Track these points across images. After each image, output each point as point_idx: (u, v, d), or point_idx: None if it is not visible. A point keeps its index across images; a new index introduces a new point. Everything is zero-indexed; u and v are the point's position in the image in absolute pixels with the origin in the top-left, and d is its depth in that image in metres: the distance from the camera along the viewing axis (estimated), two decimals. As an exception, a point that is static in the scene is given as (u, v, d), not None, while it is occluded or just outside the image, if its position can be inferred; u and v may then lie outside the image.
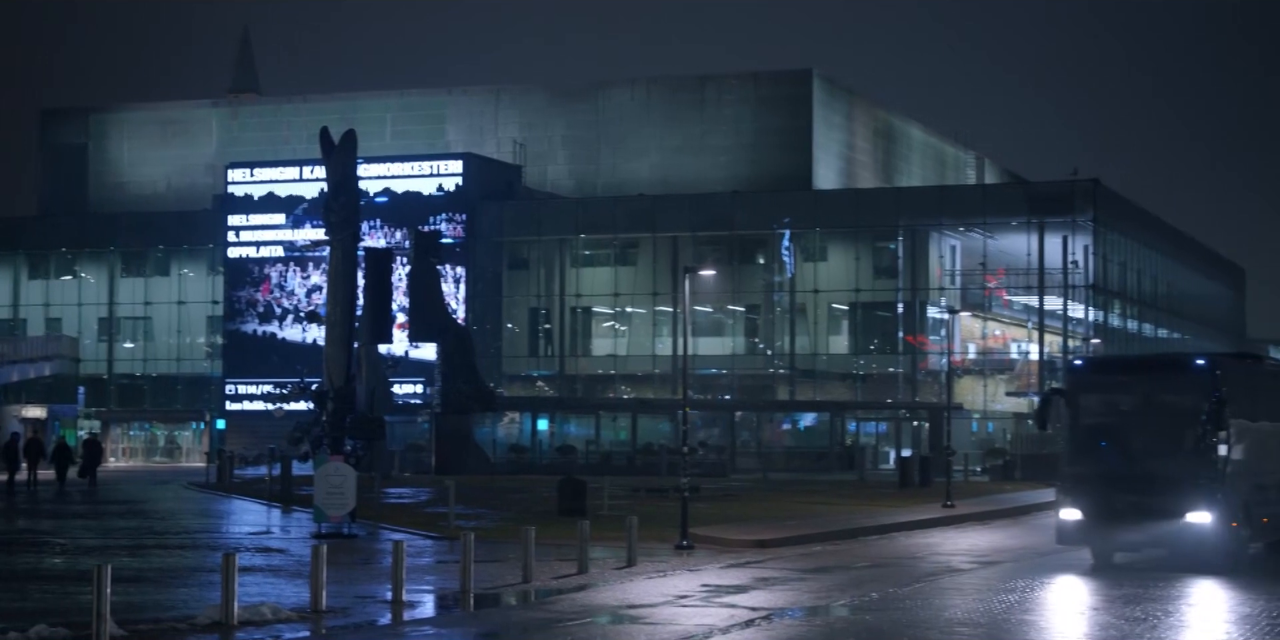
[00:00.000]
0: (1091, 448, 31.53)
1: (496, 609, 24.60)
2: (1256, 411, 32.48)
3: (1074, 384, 32.52)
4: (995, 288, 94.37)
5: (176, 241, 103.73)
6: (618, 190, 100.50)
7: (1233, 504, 30.22)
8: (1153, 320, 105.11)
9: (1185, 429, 30.60)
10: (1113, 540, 31.04)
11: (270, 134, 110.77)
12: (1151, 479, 30.33)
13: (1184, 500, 29.85)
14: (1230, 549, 30.19)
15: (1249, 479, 31.50)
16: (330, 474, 36.45)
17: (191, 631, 20.84)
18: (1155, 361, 39.52)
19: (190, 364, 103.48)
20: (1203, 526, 29.78)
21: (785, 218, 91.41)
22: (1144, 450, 30.92)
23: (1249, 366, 35.08)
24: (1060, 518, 31.24)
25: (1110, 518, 30.42)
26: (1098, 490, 30.72)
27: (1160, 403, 31.58)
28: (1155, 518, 29.99)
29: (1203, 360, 31.89)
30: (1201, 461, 29.99)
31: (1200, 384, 30.38)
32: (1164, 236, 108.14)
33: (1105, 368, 36.68)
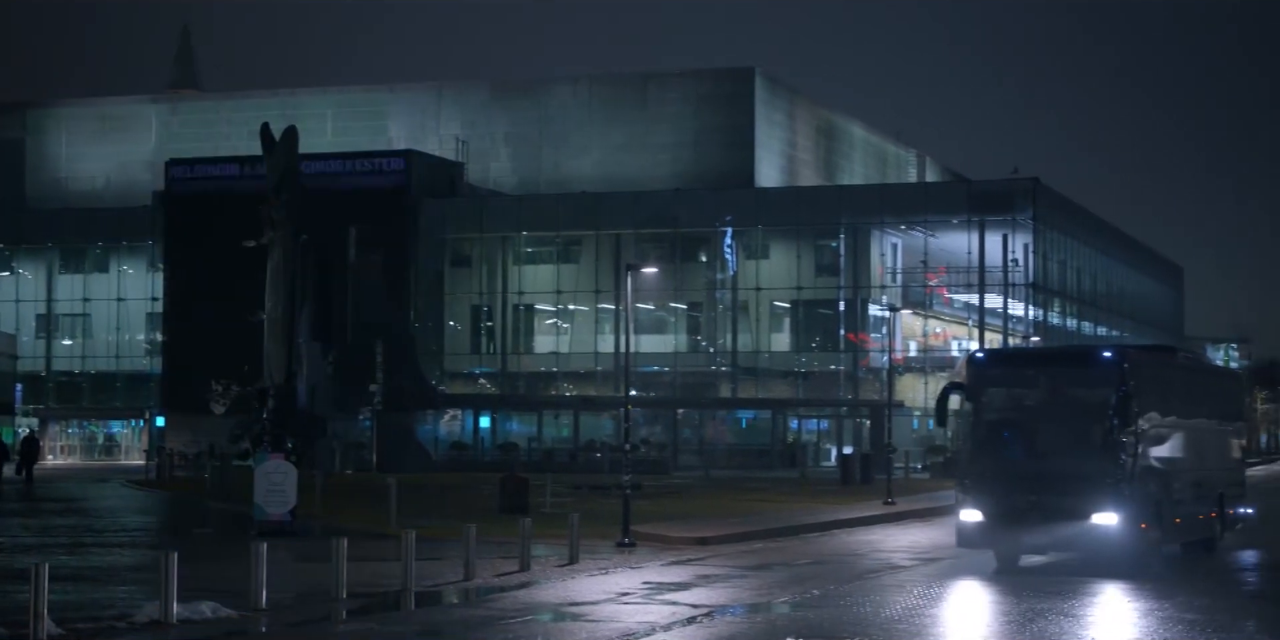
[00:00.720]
0: (992, 445, 29.89)
1: (438, 607, 24.53)
2: (1169, 406, 31.17)
3: (974, 378, 30.58)
4: (936, 286, 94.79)
5: (116, 238, 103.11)
6: (560, 187, 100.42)
7: (1142, 504, 28.83)
8: (1092, 318, 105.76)
9: (1091, 425, 29.10)
10: (1015, 543, 29.49)
11: (210, 130, 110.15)
12: (1055, 478, 28.72)
13: (1089, 500, 28.31)
14: (1138, 551, 28.89)
15: (1160, 478, 30.15)
16: (270, 471, 36.30)
17: (130, 630, 20.70)
18: (1060, 354, 39.35)
19: (130, 361, 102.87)
20: (1109, 528, 28.25)
21: (727, 215, 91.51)
22: (1048, 448, 29.39)
23: (1160, 359, 33.41)
24: (960, 519, 29.70)
25: (1012, 519, 28.81)
26: (999, 490, 29.12)
27: (1065, 397, 30.11)
28: (1059, 519, 28.43)
29: (1109, 353, 30.55)
30: (1108, 459, 28.42)
31: (1107, 378, 28.95)
32: (1103, 235, 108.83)
33: (1007, 360, 34.94)
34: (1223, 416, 35.83)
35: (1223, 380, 38.98)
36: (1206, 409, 34.16)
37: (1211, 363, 58.26)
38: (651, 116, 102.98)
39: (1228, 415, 36.52)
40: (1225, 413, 36.22)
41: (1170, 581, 27.67)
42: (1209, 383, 36.28)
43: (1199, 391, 34.18)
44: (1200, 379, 35.55)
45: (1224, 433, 35.83)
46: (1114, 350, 31.05)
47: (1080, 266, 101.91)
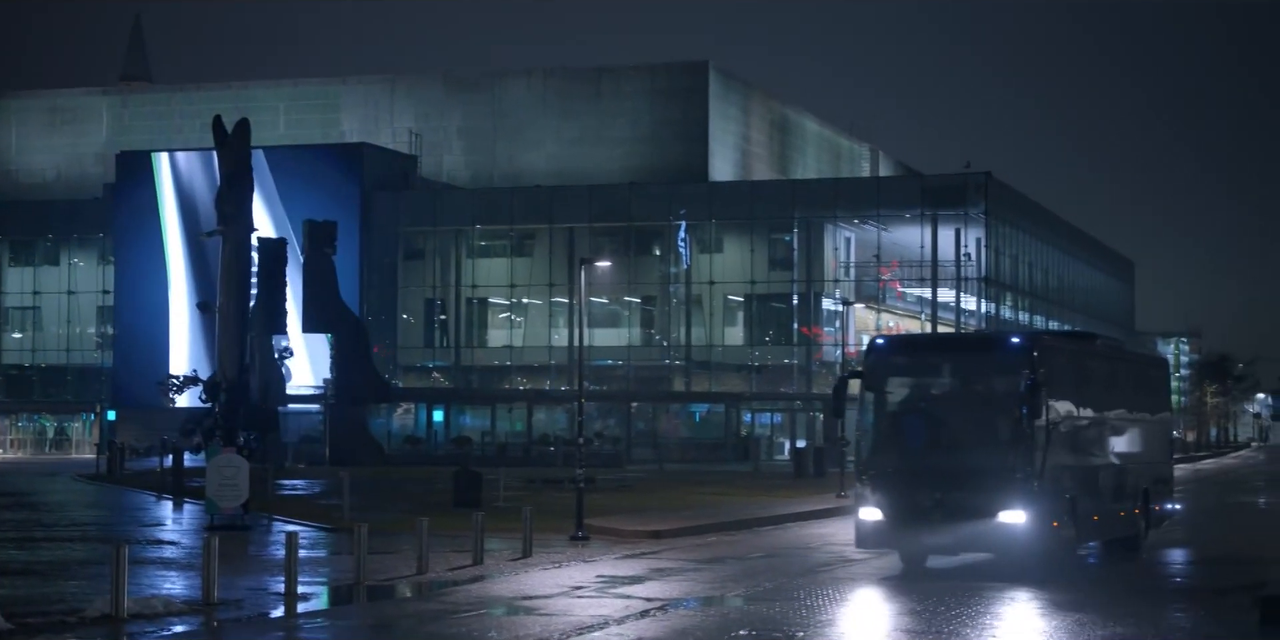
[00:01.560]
0: (893, 439, 27.98)
1: (390, 601, 24.48)
2: (1085, 396, 29.60)
3: (874, 366, 28.32)
4: (889, 279, 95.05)
5: (66, 231, 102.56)
6: (514, 181, 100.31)
7: (1053, 501, 27.16)
8: (1044, 312, 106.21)
9: (999, 417, 27.22)
10: (917, 544, 27.65)
11: (162, 123, 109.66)
12: (960, 474, 26.89)
13: (996, 497, 26.48)
14: (1048, 552, 27.26)
15: (1075, 473, 28.60)
16: (223, 465, 36.16)
17: (81, 625, 20.58)
18: (965, 341, 37.42)
19: (80, 355, 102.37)
20: (1016, 527, 26.43)
21: (681, 209, 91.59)
22: (952, 441, 27.54)
23: (1075, 347, 31.32)
24: (859, 518, 27.76)
25: (914, 518, 26.95)
26: (900, 487, 27.25)
27: (971, 387, 28.38)
28: (964, 518, 26.62)
29: (1018, 339, 28.69)
30: (1016, 453, 26.61)
31: (1015, 366, 26.98)
32: (1055, 229, 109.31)
33: (910, 348, 31.69)
34: (1147, 407, 34.07)
35: (1147, 369, 36.65)
36: (1128, 399, 32.59)
37: (1136, 351, 55.24)
38: (606, 110, 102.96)
39: (1153, 406, 34.74)
40: (1149, 404, 34.43)
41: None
42: (1131, 372, 34.35)
43: (1120, 381, 32.66)
44: (1121, 368, 33.70)
45: (1148, 424, 33.98)
46: (1023, 336, 29.46)
47: (1032, 261, 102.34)
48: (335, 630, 21.27)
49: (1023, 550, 26.81)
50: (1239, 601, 23.37)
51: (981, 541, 27.01)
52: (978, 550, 27.91)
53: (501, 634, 20.06)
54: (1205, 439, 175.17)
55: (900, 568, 28.36)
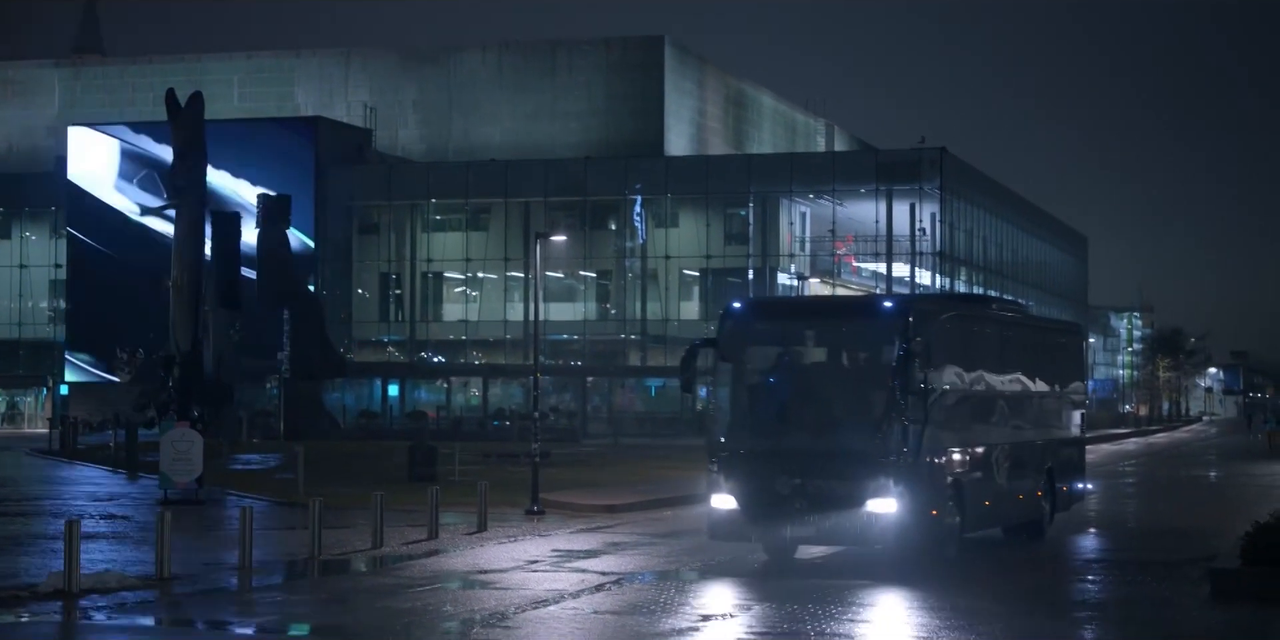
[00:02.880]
0: (750, 416, 24.99)
1: (345, 575, 24.47)
2: (975, 367, 26.80)
3: (730, 333, 25.42)
4: (844, 254, 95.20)
5: (17, 204, 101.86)
6: (469, 155, 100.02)
7: (933, 486, 24.41)
8: (998, 287, 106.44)
9: (869, 391, 24.36)
10: (774, 536, 24.63)
11: (115, 96, 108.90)
12: (823, 457, 23.93)
13: (863, 484, 23.51)
14: (925, 544, 24.44)
15: (964, 453, 25.92)
16: (176, 440, 36.06)
17: (34, 599, 20.53)
18: (832, 305, 32.56)
19: (32, 329, 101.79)
20: (887, 517, 23.49)
21: (637, 184, 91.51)
22: (816, 419, 24.53)
23: (963, 311, 28.24)
24: (710, 506, 24.74)
25: (771, 508, 23.90)
26: (756, 472, 24.17)
27: (838, 357, 25.56)
28: (827, 507, 23.64)
29: (890, 303, 25.78)
30: (888, 433, 23.61)
31: (887, 333, 24.03)
32: (1009, 204, 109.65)
33: (770, 312, 28.15)
34: (1055, 378, 31.12)
35: (1056, 336, 33.51)
36: (1032, 369, 29.68)
37: (1044, 316, 52.04)
38: (561, 84, 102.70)
39: (1062, 377, 31.71)
40: (1058, 374, 31.43)
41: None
42: (1036, 339, 31.19)
43: (1021, 349, 29.50)
44: (1023, 334, 30.29)
45: (1056, 397, 31.13)
46: (897, 299, 27.06)
47: (986, 236, 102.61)
48: (290, 604, 21.25)
49: (895, 543, 23.85)
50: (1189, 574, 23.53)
51: (847, 534, 23.88)
52: (843, 543, 24.73)
53: (457, 608, 20.08)
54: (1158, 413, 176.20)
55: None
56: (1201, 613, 20.18)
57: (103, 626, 19.23)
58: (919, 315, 24.57)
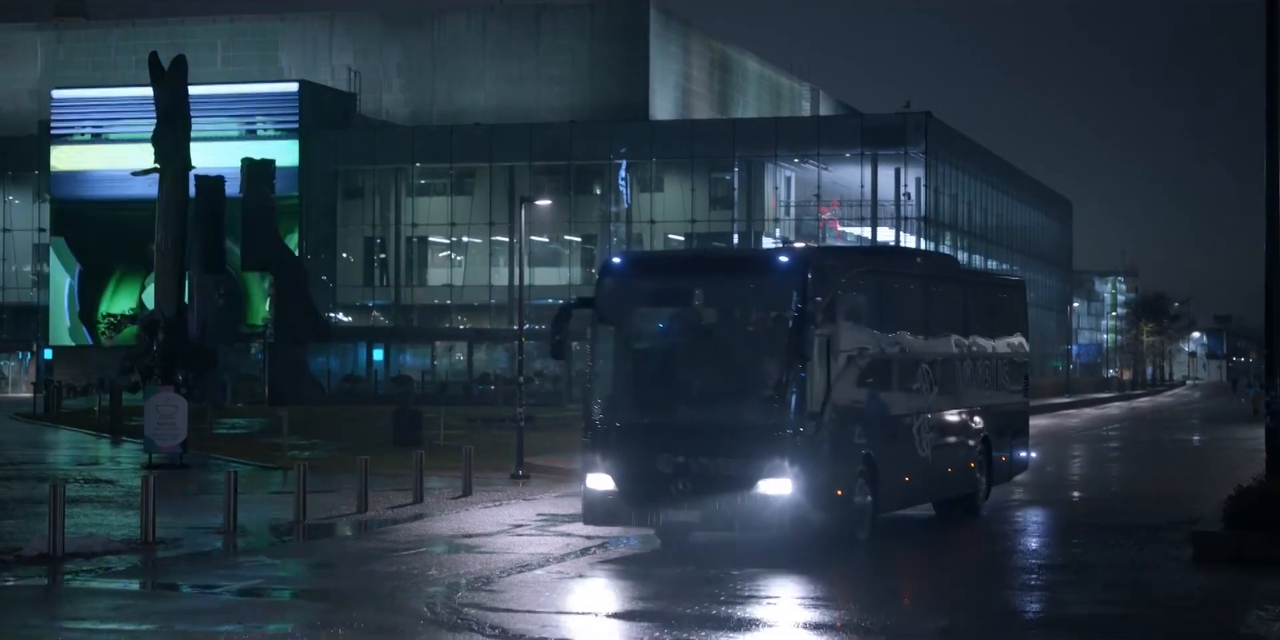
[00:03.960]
0: (629, 385, 22.51)
1: (331, 539, 24.50)
2: (892, 327, 24.34)
3: (609, 291, 22.67)
4: (829, 219, 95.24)
5: (1, 168, 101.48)
6: (454, 119, 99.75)
7: (837, 463, 21.83)
8: (983, 252, 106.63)
9: (762, 357, 21.64)
10: (655, 521, 21.88)
11: (97, 59, 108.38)
12: (709, 431, 21.35)
13: (753, 462, 20.93)
14: (827, 528, 21.84)
15: (877, 424, 23.39)
16: (161, 404, 36.03)
17: (18, 563, 20.52)
18: (722, 259, 27.85)
19: (16, 293, 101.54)
20: (780, 500, 20.87)
21: (622, 148, 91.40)
22: (703, 388, 22.04)
23: (874, 266, 25.19)
24: (585, 486, 22.09)
25: (651, 489, 21.31)
26: (635, 448, 21.55)
27: (729, 318, 22.67)
28: (714, 489, 21.02)
29: (786, 257, 22.46)
30: (781, 403, 21.02)
31: (782, 290, 21.30)
32: (994, 169, 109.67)
33: (653, 268, 24.60)
34: (991, 339, 28.51)
35: (993, 293, 30.51)
36: (963, 330, 27.13)
37: (981, 271, 47.75)
38: (545, 48, 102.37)
39: (999, 338, 28.99)
40: (995, 334, 28.78)
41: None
42: (968, 296, 28.19)
43: (948, 308, 26.96)
44: (951, 291, 27.53)
45: (992, 359, 28.45)
46: (794, 252, 23.66)
47: (971, 200, 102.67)
48: (275, 568, 21.27)
49: (791, 528, 21.28)
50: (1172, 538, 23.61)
51: (736, 519, 21.24)
52: (732, 529, 21.87)
53: (442, 572, 20.12)
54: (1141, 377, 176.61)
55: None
56: (1183, 576, 20.26)
57: (88, 590, 19.25)
58: (819, 270, 21.81)
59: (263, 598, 18.98)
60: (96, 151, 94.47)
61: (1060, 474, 39.39)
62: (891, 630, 16.43)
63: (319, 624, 16.27)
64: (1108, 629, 16.64)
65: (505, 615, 16.98)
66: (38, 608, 17.95)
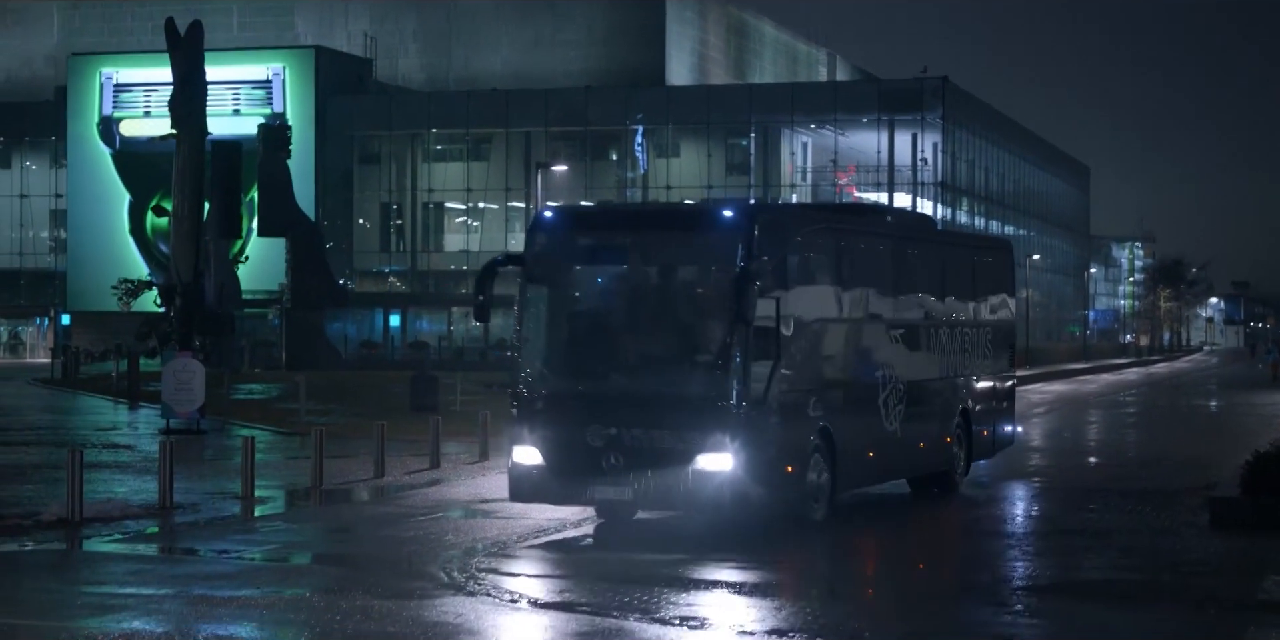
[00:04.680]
0: (559, 350, 20.70)
1: (348, 504, 24.56)
2: (850, 289, 22.34)
3: (539, 248, 20.87)
4: (846, 184, 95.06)
5: (18, 134, 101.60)
6: (470, 85, 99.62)
7: (786, 437, 19.97)
8: (1000, 217, 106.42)
9: (705, 321, 19.83)
10: (586, 498, 20.18)
11: (114, 25, 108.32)
12: (643, 401, 19.51)
13: (693, 435, 19.12)
14: (771, 509, 20.17)
15: (836, 396, 21.61)
16: (178, 370, 36.08)
17: (37, 528, 20.60)
18: (661, 214, 24.33)
19: (34, 258, 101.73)
20: (719, 477, 19.08)
21: (638, 114, 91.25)
22: (638, 354, 20.22)
23: (827, 224, 22.76)
24: (512, 460, 20.34)
25: (580, 464, 19.59)
26: (565, 419, 19.82)
27: (668, 279, 20.44)
28: (648, 464, 19.24)
29: (731, 212, 20.26)
30: (724, 372, 19.17)
31: (727, 249, 19.39)
32: (1011, 135, 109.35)
33: (587, 223, 22.13)
34: (971, 304, 26.78)
35: (975, 255, 28.24)
36: (938, 295, 25.46)
37: (958, 232, 43.04)
38: (561, 13, 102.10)
39: (982, 303, 27.19)
40: (976, 299, 26.97)
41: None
42: (944, 259, 26.36)
43: (921, 271, 25.16)
44: (925, 253, 25.58)
45: (972, 327, 26.64)
46: (739, 207, 20.79)
47: (989, 166, 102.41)
48: (292, 533, 21.34)
49: (731, 508, 19.51)
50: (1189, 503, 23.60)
51: (673, 497, 19.52)
52: (668, 508, 20.50)
53: (459, 537, 20.16)
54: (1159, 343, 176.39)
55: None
56: (1200, 541, 20.25)
57: (106, 555, 19.32)
58: (767, 226, 19.94)
59: (280, 562, 19.05)
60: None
61: (1077, 440, 39.38)
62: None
63: (336, 588, 16.32)
64: (1122, 594, 16.64)
65: (522, 580, 17.03)
66: (56, 572, 18.02)
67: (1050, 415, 49.76)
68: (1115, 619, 15.44)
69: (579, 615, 15.10)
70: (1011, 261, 29.22)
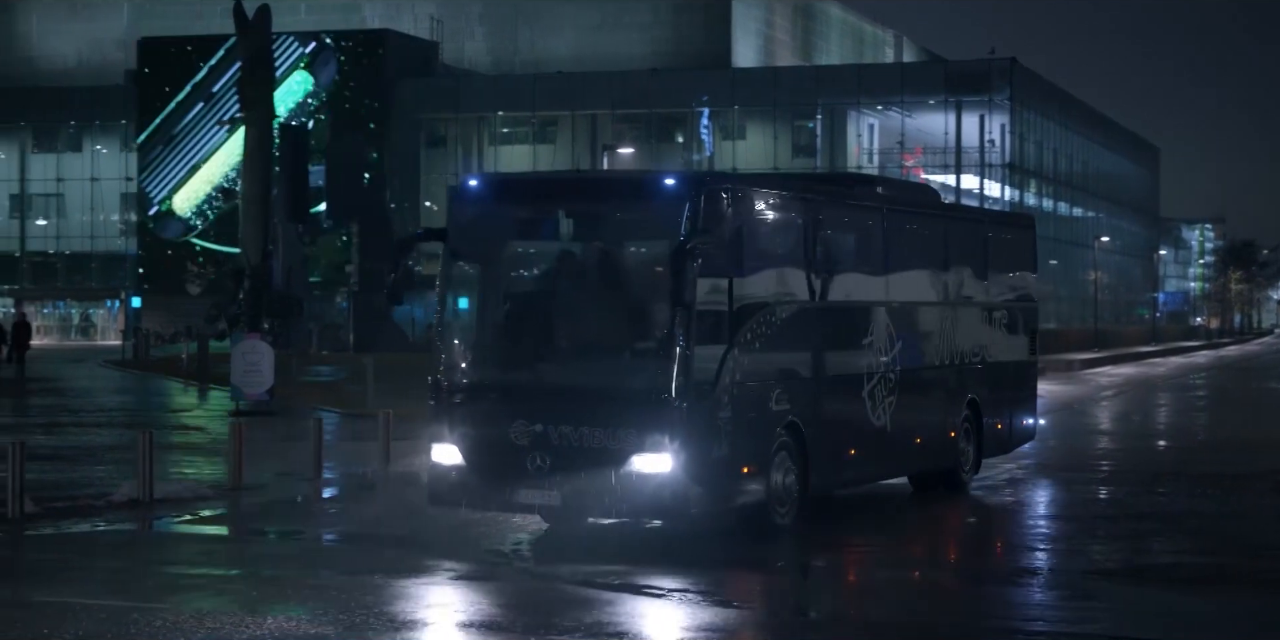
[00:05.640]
0: (483, 336, 18.45)
1: (416, 486, 24.52)
2: (825, 268, 19.80)
3: (462, 221, 18.55)
4: (912, 166, 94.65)
5: (89, 117, 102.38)
6: (536, 68, 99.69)
7: (738, 435, 17.50)
8: (1068, 199, 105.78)
9: (644, 303, 17.29)
10: (510, 503, 17.89)
11: (183, 8, 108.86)
12: (573, 394, 17.28)
13: (628, 432, 16.83)
14: (719, 515, 17.87)
15: (806, 389, 19.18)
16: (247, 352, 36.34)
17: (108, 508, 20.76)
18: (596, 183, 20.93)
19: (105, 241, 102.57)
20: (658, 479, 16.75)
21: (704, 96, 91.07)
22: (569, 341, 17.91)
23: (796, 193, 19.82)
24: (431, 460, 18.17)
25: (506, 464, 17.36)
26: (486, 414, 17.68)
27: (604, 255, 18.01)
28: (578, 465, 16.97)
29: (674, 179, 17.58)
30: (664, 360, 16.74)
31: (669, 222, 16.91)
32: (1080, 116, 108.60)
33: (513, 193, 19.24)
34: (983, 286, 24.33)
35: (986, 232, 25.09)
36: (938, 274, 23.02)
37: (970, 207, 40.34)
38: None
39: (995, 283, 24.72)
40: (989, 280, 24.50)
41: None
42: (946, 235, 23.54)
43: (919, 247, 22.70)
44: (923, 228, 23.04)
45: (980, 310, 24.29)
46: (683, 176, 18.06)
47: (1057, 147, 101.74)
48: (361, 515, 21.44)
49: (672, 514, 17.33)
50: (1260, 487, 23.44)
51: (606, 503, 17.18)
52: (601, 515, 17.99)
53: (525, 519, 20.21)
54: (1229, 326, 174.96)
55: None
56: (1271, 525, 20.10)
57: (176, 535, 19.49)
58: (715, 198, 17.44)
59: (349, 543, 19.13)
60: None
61: (1146, 423, 39.15)
62: None
63: (405, 569, 16.39)
64: (1190, 578, 16.53)
65: (587, 567, 16.89)
66: (128, 552, 18.17)
67: (1119, 398, 49.50)
68: (1182, 603, 15.34)
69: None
70: (1033, 238, 26.65)
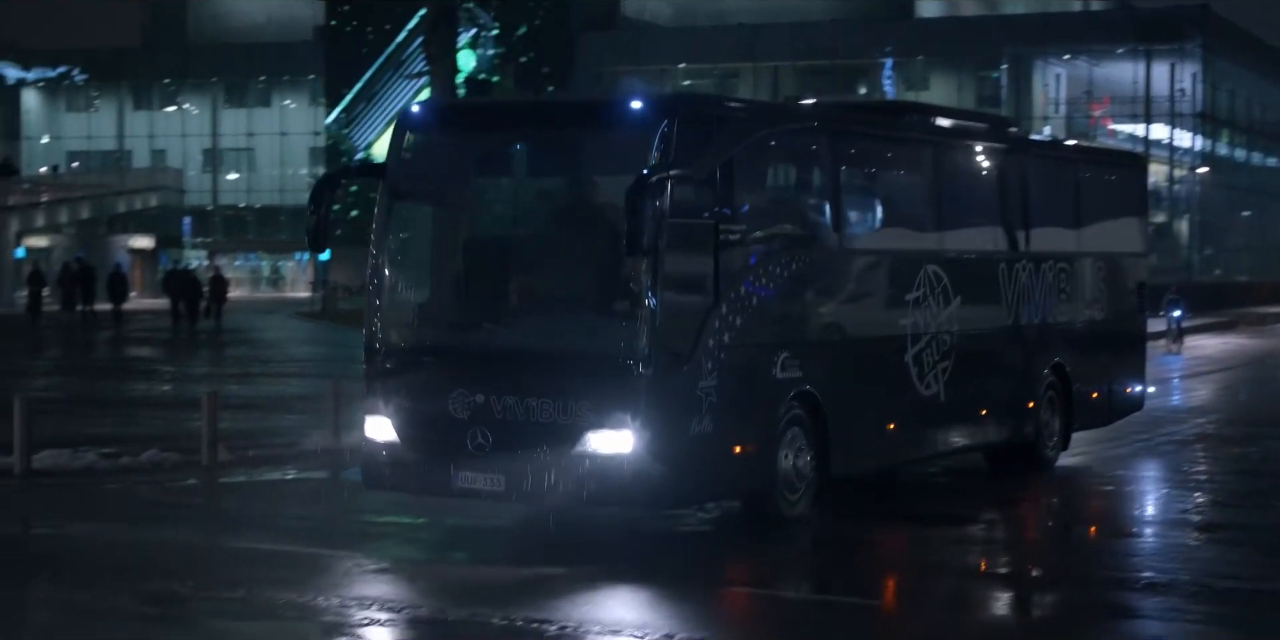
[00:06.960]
0: (420, 290, 15.67)
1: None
2: (849, 206, 16.64)
3: (402, 157, 15.35)
4: (1100, 116, 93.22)
5: (278, 73, 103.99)
6: (717, 19, 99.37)
7: (729, 409, 14.29)
8: (1263, 149, 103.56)
9: (611, 253, 13.92)
10: (447, 487, 14.65)
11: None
12: (524, 360, 14.22)
13: (582, 405, 13.84)
14: (698, 502, 15.66)
15: (826, 353, 15.83)
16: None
17: (299, 457, 21.17)
18: (558, 108, 16.93)
19: (294, 195, 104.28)
20: (617, 461, 13.71)
21: (887, 47, 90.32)
22: (520, 298, 14.98)
23: (801, 120, 16.68)
24: (365, 435, 15.17)
25: (445, 441, 14.46)
26: (423, 383, 14.79)
27: (564, 195, 15.46)
28: (524, 443, 13.99)
29: (644, 103, 14.19)
30: (630, 320, 13.68)
31: (639, 154, 13.70)
32: (1276, 63, 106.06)
33: (461, 121, 16.11)
34: (1065, 231, 20.65)
35: (1073, 170, 21.39)
36: (1012, 219, 19.55)
37: (1061, 142, 34.71)
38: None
39: (1080, 229, 20.91)
40: (1074, 226, 20.79)
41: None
42: (1024, 174, 19.89)
43: (987, 188, 19.38)
44: (992, 165, 19.50)
45: (1067, 261, 20.48)
46: (656, 100, 14.54)
47: (1250, 97, 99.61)
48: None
49: (637, 503, 14.31)
50: None
51: (556, 489, 14.00)
52: (552, 503, 14.38)
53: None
54: None
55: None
56: None
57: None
58: (694, 123, 14.20)
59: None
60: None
61: None
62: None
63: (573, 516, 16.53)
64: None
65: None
66: (318, 500, 18.53)
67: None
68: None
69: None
70: (1143, 181, 23.33)
